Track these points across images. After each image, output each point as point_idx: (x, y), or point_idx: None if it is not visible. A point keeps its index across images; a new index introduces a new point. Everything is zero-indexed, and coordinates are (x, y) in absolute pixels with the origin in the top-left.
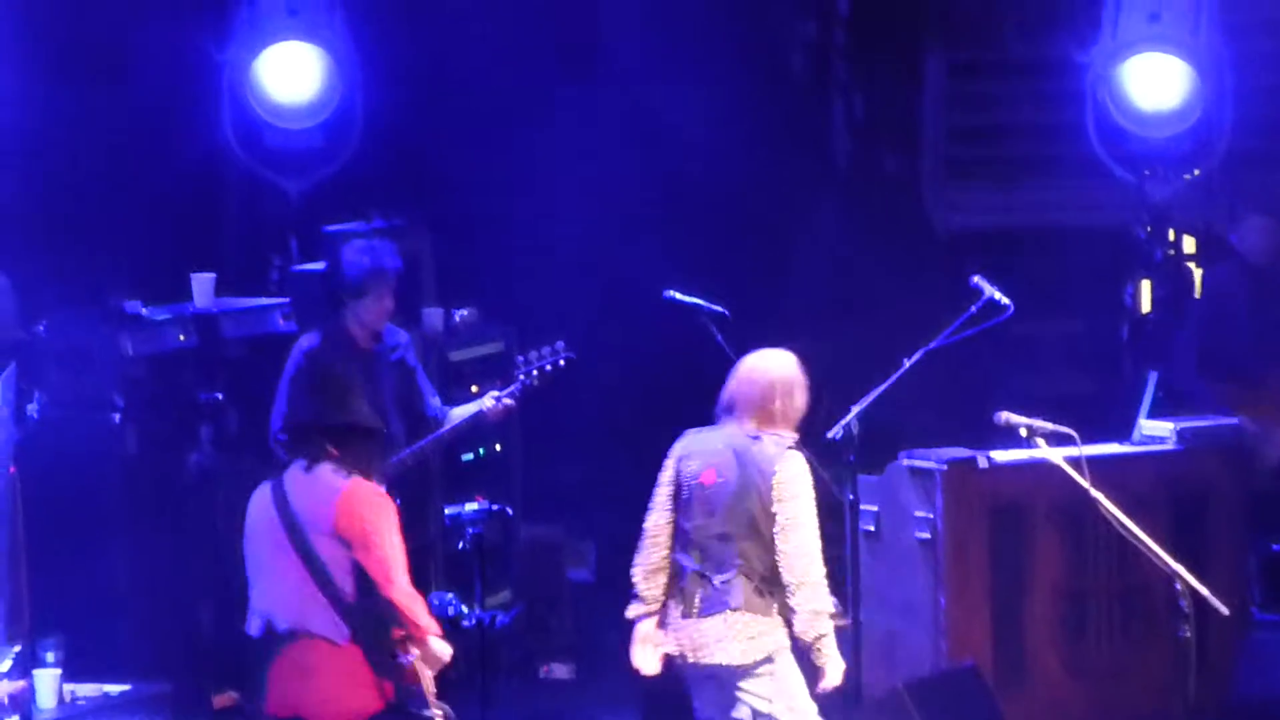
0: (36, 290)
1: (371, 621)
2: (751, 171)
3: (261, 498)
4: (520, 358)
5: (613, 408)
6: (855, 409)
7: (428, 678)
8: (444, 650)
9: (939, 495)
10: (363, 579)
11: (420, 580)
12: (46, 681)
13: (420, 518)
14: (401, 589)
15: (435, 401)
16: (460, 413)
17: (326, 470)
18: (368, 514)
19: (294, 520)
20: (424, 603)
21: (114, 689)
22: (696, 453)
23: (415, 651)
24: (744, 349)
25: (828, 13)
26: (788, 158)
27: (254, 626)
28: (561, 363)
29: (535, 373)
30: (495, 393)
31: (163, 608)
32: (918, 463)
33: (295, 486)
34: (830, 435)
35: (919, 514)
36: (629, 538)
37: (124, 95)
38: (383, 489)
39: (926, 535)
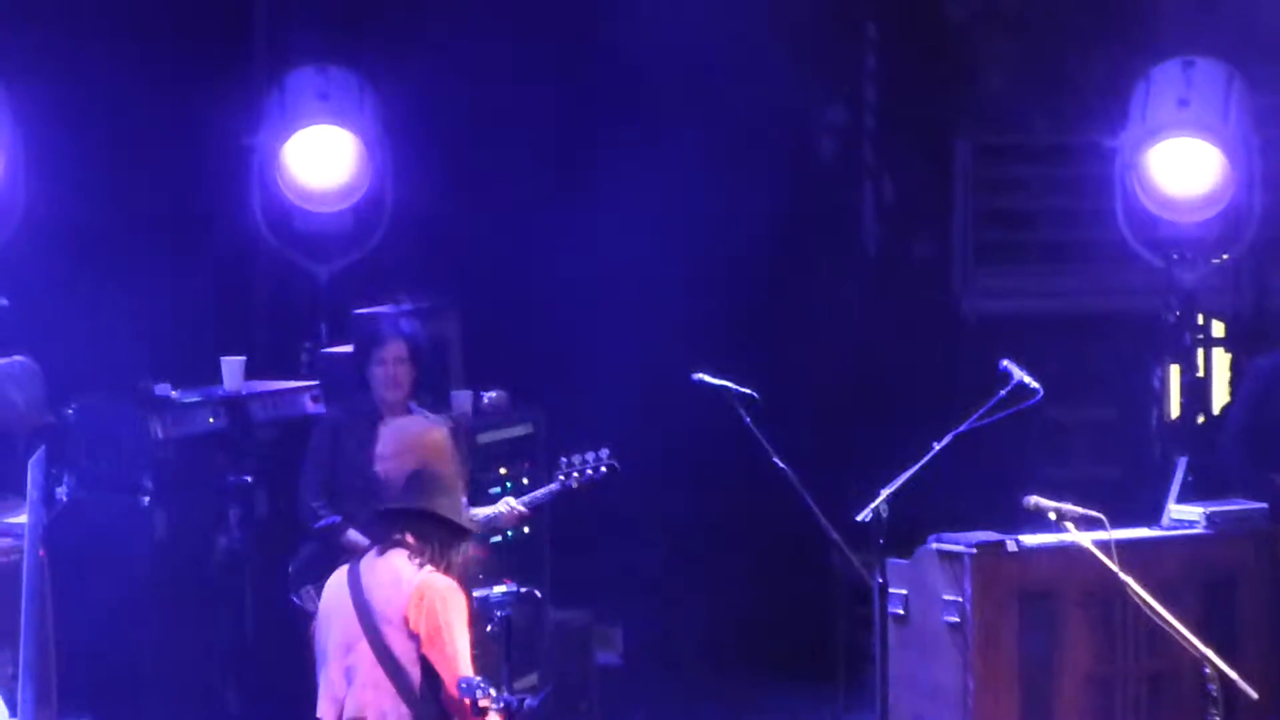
0: (66, 373)
1: (435, 714)
2: (780, 255)
3: (338, 582)
4: (564, 459)
5: (642, 491)
6: (884, 492)
7: None
8: None
9: (968, 579)
10: (430, 672)
11: None
12: None
13: None
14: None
15: None
16: (477, 514)
17: (400, 558)
18: (439, 609)
19: (367, 606)
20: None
21: None
22: None
23: None
24: (772, 432)
25: (856, 98)
26: (817, 242)
27: (325, 711)
28: (604, 469)
29: (576, 475)
30: (511, 499)
31: (190, 690)
32: (947, 546)
33: (369, 573)
34: (859, 518)
35: (947, 597)
36: (658, 622)
37: (154, 178)
38: (455, 582)
39: (955, 619)
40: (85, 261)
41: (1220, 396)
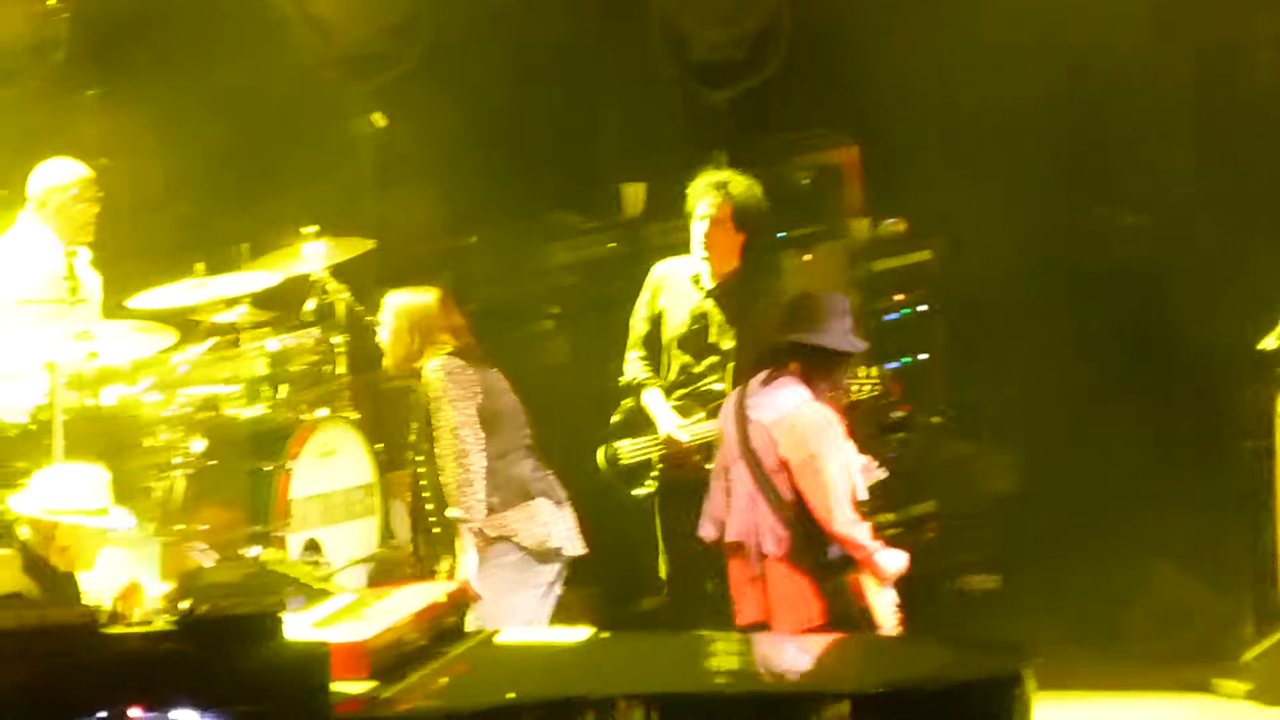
0: (469, 202)
1: (810, 539)
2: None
3: (726, 407)
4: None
5: (1040, 321)
6: None
7: (877, 596)
8: (892, 564)
9: None
10: (803, 498)
11: None
12: None
13: None
14: (839, 518)
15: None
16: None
17: (784, 386)
18: (810, 440)
19: (745, 431)
20: (867, 526)
21: None
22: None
23: (863, 573)
24: (1172, 258)
25: None
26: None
27: (706, 530)
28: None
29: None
30: None
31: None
32: None
33: (754, 399)
34: (1263, 345)
35: None
36: (1054, 451)
37: (556, 7)
38: (832, 410)
39: None
40: (486, 91)
41: None
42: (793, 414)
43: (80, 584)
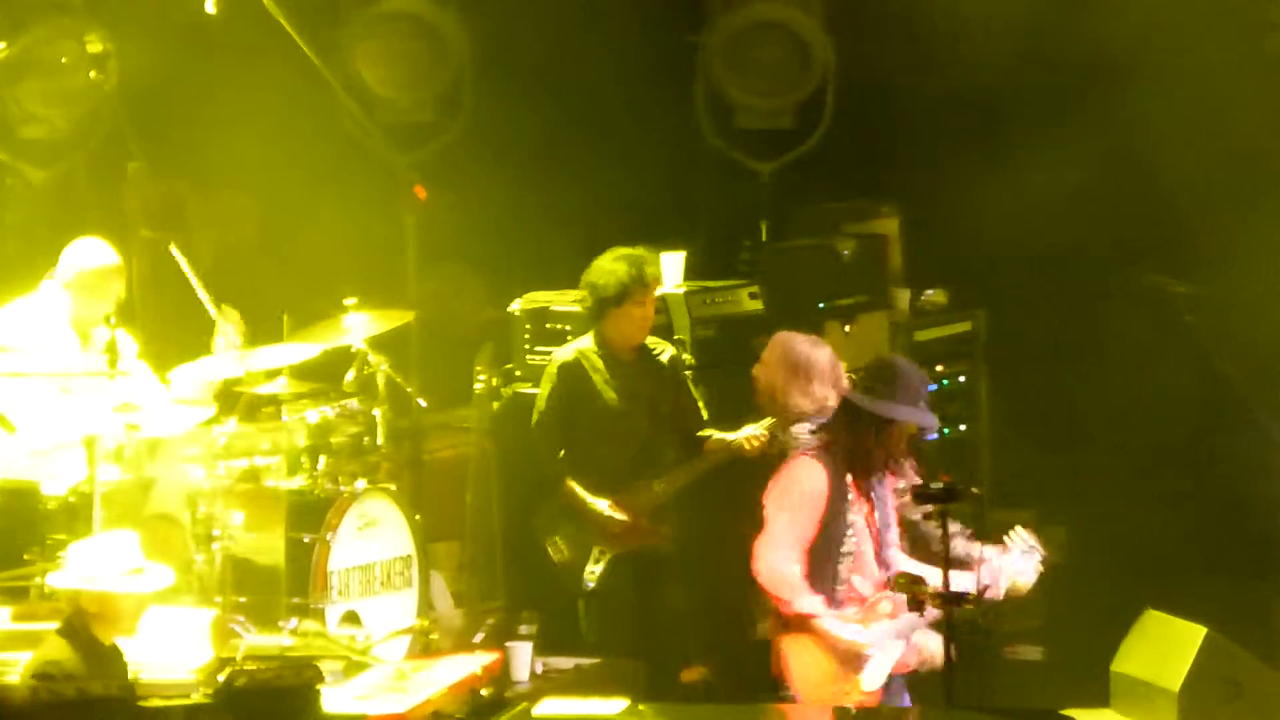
0: (511, 272)
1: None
2: (1217, 155)
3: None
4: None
5: (1081, 393)
6: None
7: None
8: (834, 631)
9: None
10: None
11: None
12: (520, 654)
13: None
14: (767, 566)
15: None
16: (720, 441)
17: (801, 431)
18: (778, 489)
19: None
20: (793, 584)
21: (586, 662)
22: None
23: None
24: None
25: None
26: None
27: None
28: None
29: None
30: (751, 428)
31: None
32: None
33: (808, 433)
34: None
35: None
36: (1100, 521)
37: (597, 76)
38: (823, 471)
39: None
40: (527, 160)
41: None
42: (790, 464)
43: (126, 657)
